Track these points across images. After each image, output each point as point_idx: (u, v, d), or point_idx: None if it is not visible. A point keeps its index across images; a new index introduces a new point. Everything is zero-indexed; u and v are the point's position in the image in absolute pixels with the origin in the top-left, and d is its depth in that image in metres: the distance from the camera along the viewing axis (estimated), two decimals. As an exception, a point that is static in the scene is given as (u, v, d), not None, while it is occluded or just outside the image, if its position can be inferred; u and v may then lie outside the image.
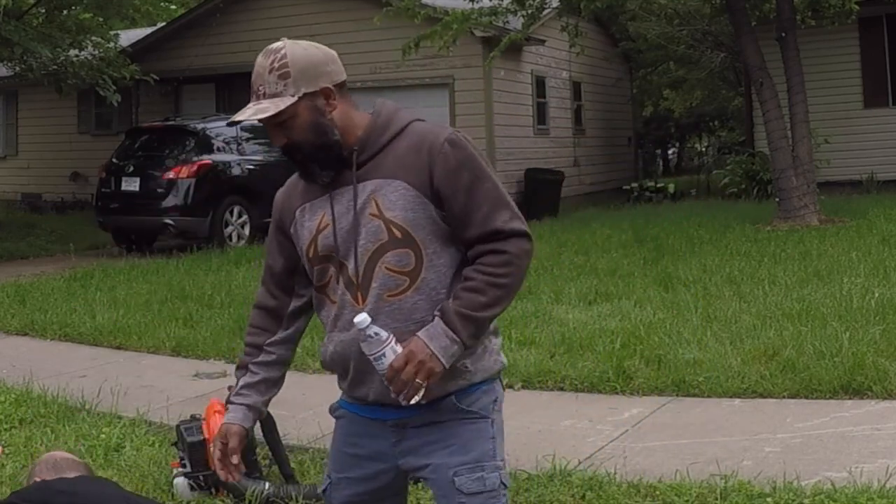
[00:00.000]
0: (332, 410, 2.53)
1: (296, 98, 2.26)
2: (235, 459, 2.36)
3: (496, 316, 2.21)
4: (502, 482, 2.26)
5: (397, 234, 2.21)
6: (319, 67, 2.29)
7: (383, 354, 2.14)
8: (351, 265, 2.24)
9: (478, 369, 2.26)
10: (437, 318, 2.15)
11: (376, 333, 2.13)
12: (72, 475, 3.06)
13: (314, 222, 2.35)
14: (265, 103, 2.27)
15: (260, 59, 2.27)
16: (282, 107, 2.24)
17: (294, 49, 2.27)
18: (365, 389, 2.29)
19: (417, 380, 2.11)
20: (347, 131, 2.34)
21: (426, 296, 2.20)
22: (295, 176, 2.52)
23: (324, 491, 2.47)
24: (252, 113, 2.27)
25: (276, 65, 2.25)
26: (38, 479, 3.01)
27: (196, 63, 18.30)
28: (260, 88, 2.27)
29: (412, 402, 2.14)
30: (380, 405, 2.27)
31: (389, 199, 2.22)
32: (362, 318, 2.14)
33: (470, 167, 2.22)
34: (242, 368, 2.55)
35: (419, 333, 2.15)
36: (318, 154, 2.32)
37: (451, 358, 2.14)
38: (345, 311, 2.27)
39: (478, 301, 2.15)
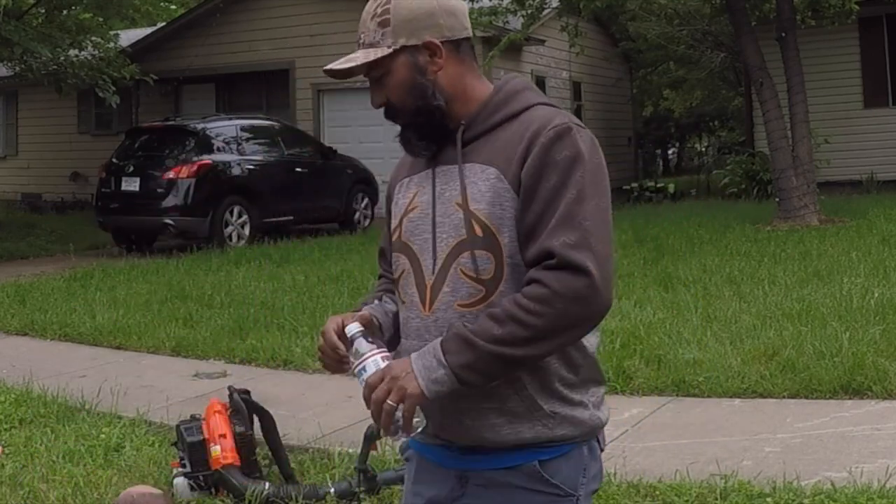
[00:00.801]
0: (402, 450, 2.13)
1: (390, 50, 1.89)
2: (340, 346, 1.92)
3: (513, 359, 1.73)
4: None
5: (478, 231, 1.82)
6: (428, 18, 1.90)
7: (363, 368, 1.80)
8: (426, 261, 1.89)
9: (562, 419, 1.82)
10: (445, 335, 1.79)
11: (359, 345, 1.82)
12: None
13: (406, 200, 1.97)
14: (358, 53, 1.92)
15: (368, 5, 1.94)
16: (371, 58, 1.88)
17: None
18: (425, 419, 1.81)
19: (389, 401, 1.75)
20: (458, 100, 1.92)
21: None
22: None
23: None
24: (342, 62, 1.93)
25: (378, 10, 1.91)
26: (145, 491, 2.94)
27: (196, 63, 18.30)
28: (361, 36, 1.92)
29: (395, 436, 1.78)
30: (445, 447, 1.90)
31: (478, 189, 1.84)
32: (350, 327, 1.86)
33: (563, 169, 1.79)
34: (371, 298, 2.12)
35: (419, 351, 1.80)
36: (416, 120, 1.92)
37: (434, 384, 1.73)
38: (411, 317, 1.92)
39: (489, 331, 1.72)
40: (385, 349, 1.82)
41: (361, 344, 1.82)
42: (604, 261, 1.74)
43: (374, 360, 1.79)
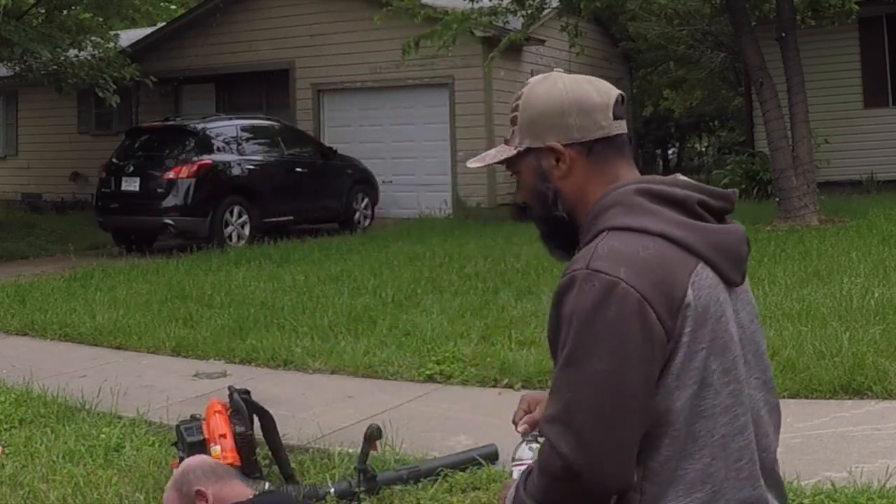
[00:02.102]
0: None
1: (515, 151, 1.81)
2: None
3: None
4: None
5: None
6: (557, 117, 1.76)
7: (511, 472, 1.97)
8: None
9: None
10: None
11: (519, 451, 1.96)
12: (236, 482, 2.99)
13: None
14: (493, 151, 1.86)
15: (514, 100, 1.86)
16: (499, 157, 1.83)
17: (536, 89, 1.81)
18: None
19: None
20: (581, 210, 1.77)
21: None
22: None
23: None
24: (476, 160, 1.89)
25: (513, 103, 1.83)
26: (202, 489, 2.91)
27: (196, 63, 18.30)
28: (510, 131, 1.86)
29: None
30: None
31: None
32: (522, 430, 1.99)
33: (571, 326, 1.62)
34: None
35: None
36: (543, 227, 1.85)
37: None
38: None
39: (531, 489, 1.68)
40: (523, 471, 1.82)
41: (521, 450, 1.92)
42: (587, 438, 1.57)
43: (517, 470, 1.86)
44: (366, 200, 15.68)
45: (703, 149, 34.03)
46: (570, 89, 1.79)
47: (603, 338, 1.58)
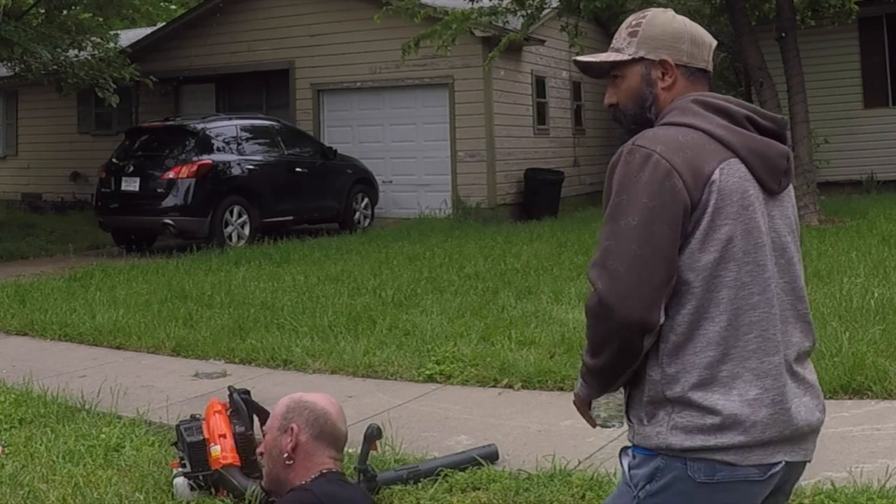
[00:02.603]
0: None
1: (629, 58, 2.13)
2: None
3: (595, 369, 2.02)
4: None
5: None
6: (673, 40, 2.12)
7: None
8: None
9: (638, 432, 2.03)
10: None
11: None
12: (326, 452, 2.98)
13: None
14: (603, 54, 2.17)
15: (630, 16, 2.20)
16: (612, 59, 2.14)
17: (657, 14, 2.15)
18: (612, 419, 2.24)
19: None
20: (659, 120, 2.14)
21: None
22: None
23: None
24: (590, 56, 2.18)
25: (633, 21, 2.16)
26: (295, 427, 2.89)
27: (196, 63, 18.30)
28: (614, 42, 2.18)
29: (603, 426, 2.20)
30: None
31: None
32: None
33: (613, 189, 1.98)
34: None
35: None
36: (632, 126, 2.15)
37: (581, 388, 2.13)
38: None
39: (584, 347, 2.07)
40: None
41: None
42: (618, 277, 1.90)
43: None
44: (366, 200, 15.68)
45: (703, 149, 34.01)
46: (690, 24, 2.16)
47: (636, 197, 1.92)
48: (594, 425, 2.18)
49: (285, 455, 2.87)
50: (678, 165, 1.93)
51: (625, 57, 2.13)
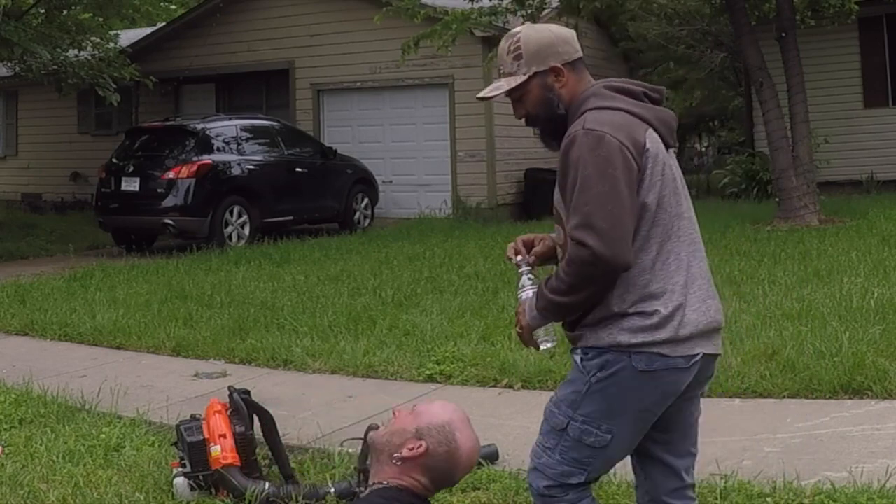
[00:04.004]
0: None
1: (526, 77, 2.58)
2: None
3: (563, 304, 2.53)
4: (568, 430, 2.60)
5: (555, 211, 2.63)
6: (550, 48, 2.58)
7: (519, 297, 2.70)
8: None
9: (591, 337, 2.56)
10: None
11: (523, 279, 2.70)
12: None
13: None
14: (502, 81, 2.62)
15: (501, 43, 2.63)
16: (513, 84, 2.58)
17: (529, 33, 2.60)
18: (551, 341, 2.74)
19: (516, 328, 2.68)
20: (571, 104, 2.60)
21: None
22: None
23: None
24: (491, 89, 2.64)
25: (511, 48, 2.59)
26: (398, 412, 2.85)
27: (196, 63, 18.30)
28: (501, 69, 2.63)
29: (539, 348, 2.70)
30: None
31: (557, 181, 2.59)
32: (520, 261, 2.73)
33: (578, 166, 2.45)
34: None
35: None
36: (548, 126, 2.62)
37: (534, 320, 2.61)
38: None
39: (551, 284, 2.53)
40: (534, 288, 2.63)
41: (523, 280, 2.69)
42: (603, 235, 2.39)
43: (525, 294, 2.66)
44: (366, 200, 15.68)
45: (703, 149, 34.03)
46: (554, 28, 2.65)
47: (600, 169, 2.42)
48: (538, 349, 2.69)
49: (396, 455, 2.78)
50: (624, 140, 2.45)
51: (522, 78, 2.58)
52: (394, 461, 2.78)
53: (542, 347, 2.68)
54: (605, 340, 2.53)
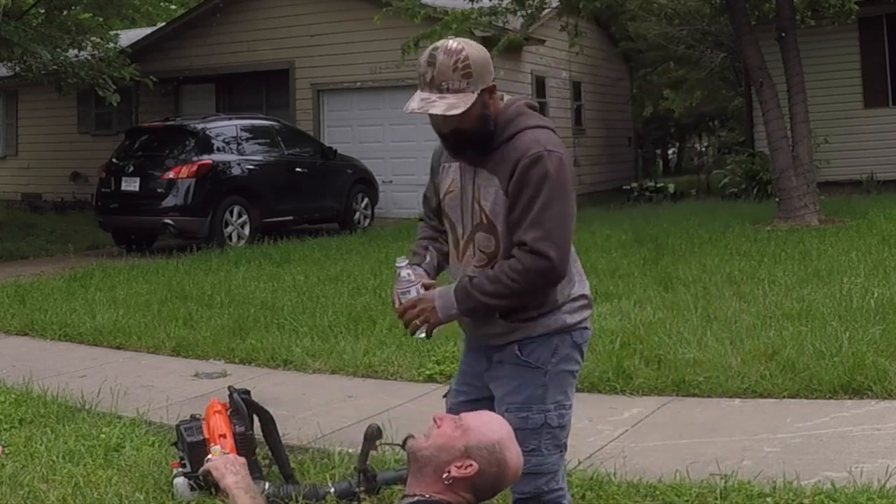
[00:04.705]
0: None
1: (476, 95, 2.61)
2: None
3: (496, 307, 2.68)
4: (547, 423, 2.74)
5: (485, 220, 2.71)
6: (489, 66, 2.66)
7: (408, 291, 2.75)
8: (458, 231, 2.79)
9: (537, 327, 2.73)
10: (457, 282, 2.72)
11: (407, 274, 2.75)
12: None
13: (447, 182, 2.81)
14: (452, 99, 2.59)
15: (441, 56, 2.60)
16: (469, 104, 2.59)
17: (472, 51, 2.62)
18: (465, 325, 2.89)
19: (417, 321, 2.72)
20: (497, 121, 2.71)
21: None
22: None
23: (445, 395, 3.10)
24: (444, 108, 2.59)
25: (459, 64, 2.59)
26: (439, 420, 2.77)
27: (196, 63, 18.30)
28: (443, 84, 2.60)
29: (416, 335, 2.77)
30: (478, 340, 2.86)
31: (487, 191, 2.69)
32: (400, 259, 2.78)
33: (542, 185, 2.59)
34: (418, 252, 2.99)
35: (439, 288, 2.74)
36: (478, 141, 2.68)
37: (449, 317, 2.71)
38: (451, 259, 2.86)
39: (484, 287, 2.64)
40: (420, 282, 2.75)
41: (410, 274, 2.76)
42: (561, 248, 2.62)
43: (416, 288, 2.74)
44: (366, 200, 15.67)
45: (703, 149, 34.04)
46: (479, 46, 2.69)
47: (563, 188, 2.63)
48: (415, 335, 2.79)
49: (446, 475, 2.70)
50: (570, 161, 2.69)
51: (473, 97, 2.60)
52: (444, 480, 2.70)
53: (421, 335, 2.79)
54: (553, 326, 2.74)
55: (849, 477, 3.74)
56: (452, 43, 2.62)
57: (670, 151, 35.58)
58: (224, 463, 2.82)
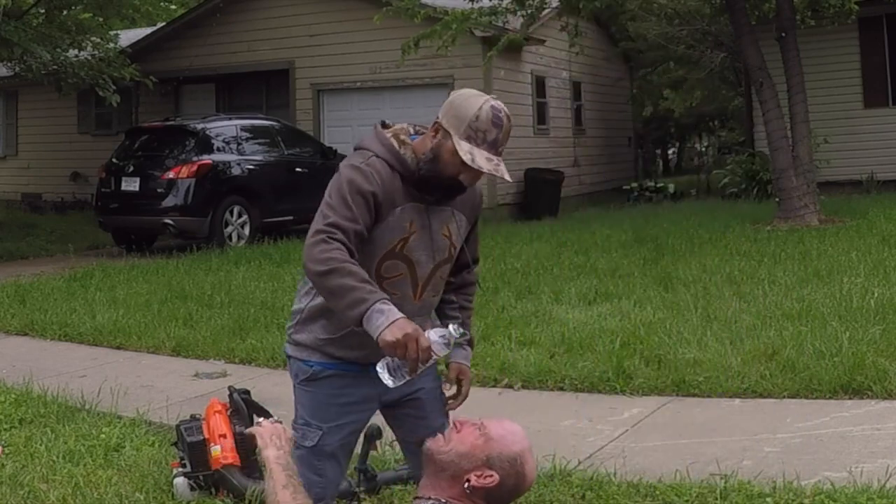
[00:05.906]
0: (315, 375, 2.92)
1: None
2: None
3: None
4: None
5: (453, 252, 2.89)
6: None
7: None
8: (420, 270, 2.80)
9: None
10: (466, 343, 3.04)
11: (450, 337, 2.65)
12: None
13: (405, 224, 2.77)
14: (502, 166, 2.76)
15: (506, 123, 2.75)
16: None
17: None
18: (366, 353, 2.74)
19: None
20: None
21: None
22: (387, 169, 2.79)
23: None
24: (505, 173, 2.76)
25: (510, 126, 2.81)
26: (458, 422, 2.71)
27: (196, 63, 18.29)
28: (501, 148, 2.77)
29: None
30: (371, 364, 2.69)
31: (456, 226, 2.87)
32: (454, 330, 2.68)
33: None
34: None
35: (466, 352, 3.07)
36: (463, 190, 2.84)
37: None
38: (404, 303, 2.70)
39: (468, 322, 3.15)
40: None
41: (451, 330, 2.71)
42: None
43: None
44: (366, 200, 15.64)
45: (703, 149, 34.05)
46: None
47: None
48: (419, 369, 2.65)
49: (467, 484, 2.64)
50: None
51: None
52: (464, 489, 2.67)
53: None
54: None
55: (849, 477, 3.74)
56: (504, 106, 2.78)
57: (670, 151, 35.59)
58: (271, 434, 2.75)
